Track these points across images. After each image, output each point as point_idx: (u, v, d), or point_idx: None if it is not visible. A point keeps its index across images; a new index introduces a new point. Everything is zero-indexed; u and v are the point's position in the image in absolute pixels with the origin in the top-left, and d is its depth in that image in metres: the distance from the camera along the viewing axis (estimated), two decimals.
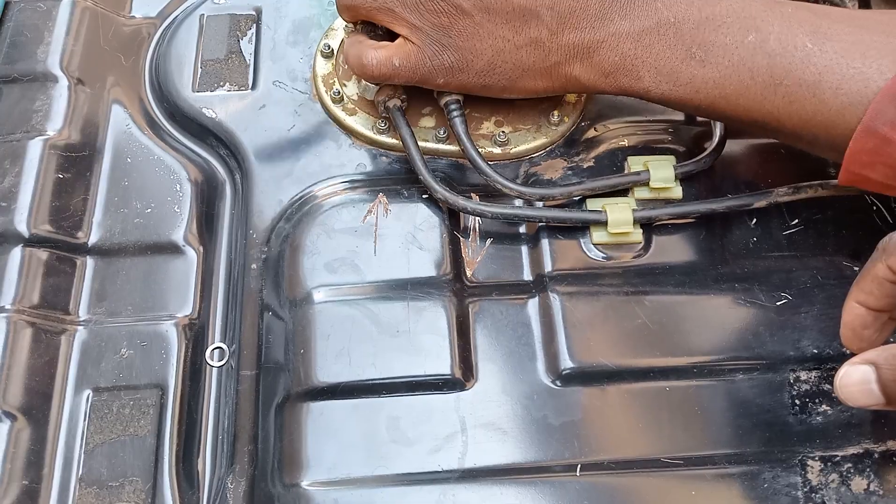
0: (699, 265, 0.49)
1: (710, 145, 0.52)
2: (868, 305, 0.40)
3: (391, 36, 0.50)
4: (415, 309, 0.47)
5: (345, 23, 0.56)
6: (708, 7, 0.45)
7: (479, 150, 0.51)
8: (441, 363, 0.46)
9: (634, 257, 0.50)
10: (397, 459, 0.44)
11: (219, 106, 0.56)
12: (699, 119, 0.55)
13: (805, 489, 0.44)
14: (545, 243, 0.50)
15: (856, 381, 0.39)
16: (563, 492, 0.43)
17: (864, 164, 0.43)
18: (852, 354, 0.39)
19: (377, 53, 0.49)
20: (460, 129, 0.51)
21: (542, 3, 0.46)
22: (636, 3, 0.46)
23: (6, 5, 0.58)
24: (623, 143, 0.53)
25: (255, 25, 0.59)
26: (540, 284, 0.49)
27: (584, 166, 0.53)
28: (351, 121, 0.54)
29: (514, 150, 0.53)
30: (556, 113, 0.54)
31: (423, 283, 0.48)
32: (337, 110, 0.55)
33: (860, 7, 0.59)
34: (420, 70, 0.49)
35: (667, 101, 0.47)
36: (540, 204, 0.51)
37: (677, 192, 0.51)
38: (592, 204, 0.50)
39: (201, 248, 0.52)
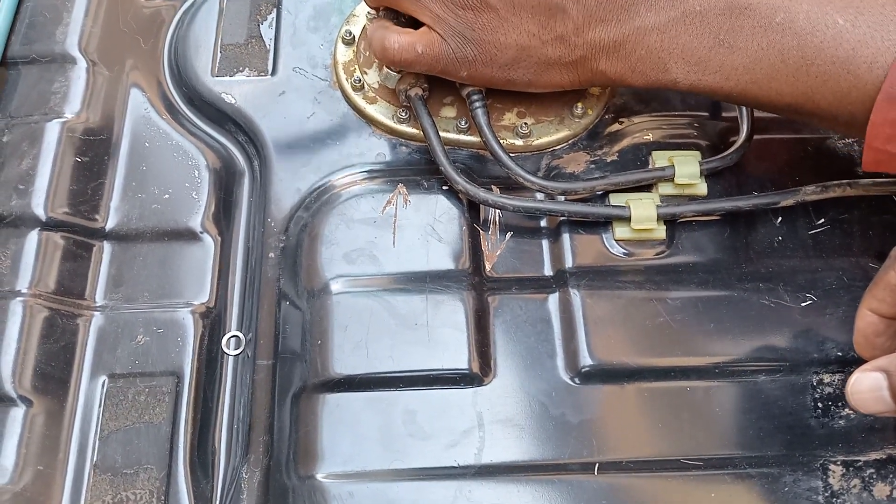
0: (723, 263, 0.49)
1: (737, 141, 0.51)
2: (881, 313, 0.40)
3: (415, 24, 0.49)
4: (433, 302, 0.47)
5: (367, 9, 0.55)
6: None
7: (501, 141, 0.50)
8: (459, 357, 0.45)
9: (657, 254, 0.49)
10: (413, 454, 0.44)
11: (238, 91, 0.55)
12: (725, 114, 0.54)
13: (826, 494, 0.43)
14: (566, 238, 0.49)
15: (867, 388, 0.38)
16: (581, 491, 0.43)
17: (887, 137, 0.41)
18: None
19: (401, 38, 0.48)
20: (482, 119, 0.50)
21: None
22: None
23: None
24: (647, 137, 0.52)
25: (275, 10, 0.58)
26: (560, 280, 0.48)
27: (608, 160, 0.52)
28: (371, 109, 0.54)
29: (536, 142, 0.52)
30: (579, 105, 0.53)
31: (441, 276, 0.48)
32: (357, 98, 0.54)
33: None
34: (442, 60, 0.48)
35: (697, 91, 0.46)
36: (562, 198, 0.50)
37: (702, 188, 0.50)
38: (615, 199, 0.50)
39: (219, 236, 0.51)
